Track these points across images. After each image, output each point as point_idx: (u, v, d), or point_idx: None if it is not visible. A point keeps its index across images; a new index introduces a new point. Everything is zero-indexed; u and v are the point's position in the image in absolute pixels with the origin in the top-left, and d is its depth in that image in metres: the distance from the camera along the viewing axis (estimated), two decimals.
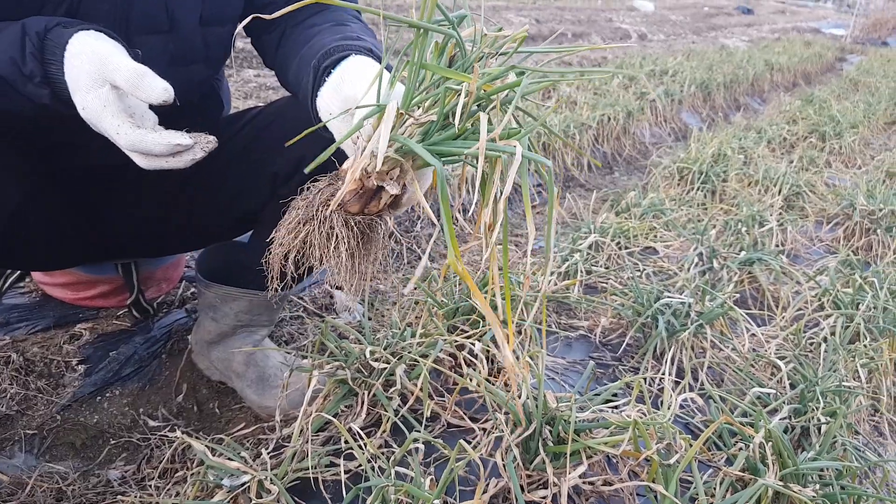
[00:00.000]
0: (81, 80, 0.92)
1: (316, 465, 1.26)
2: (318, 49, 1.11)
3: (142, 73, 0.91)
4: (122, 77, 0.91)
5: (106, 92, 0.93)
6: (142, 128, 0.94)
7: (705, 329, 1.85)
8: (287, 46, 1.31)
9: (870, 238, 3.03)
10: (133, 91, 0.91)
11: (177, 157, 0.97)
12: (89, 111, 0.94)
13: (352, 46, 1.07)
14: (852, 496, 1.33)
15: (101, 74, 0.92)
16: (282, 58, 1.33)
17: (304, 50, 1.21)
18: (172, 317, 1.92)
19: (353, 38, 1.13)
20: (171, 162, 0.97)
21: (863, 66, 9.53)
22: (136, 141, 0.94)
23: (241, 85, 4.74)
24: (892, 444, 1.93)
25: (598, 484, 1.27)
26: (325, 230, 0.92)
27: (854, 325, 2.10)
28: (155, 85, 0.91)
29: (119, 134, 0.93)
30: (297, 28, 1.32)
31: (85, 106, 0.94)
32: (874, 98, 6.45)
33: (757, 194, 3.28)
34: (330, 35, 1.20)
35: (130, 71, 0.91)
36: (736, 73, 6.69)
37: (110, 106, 0.93)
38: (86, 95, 0.93)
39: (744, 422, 1.47)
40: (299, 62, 1.19)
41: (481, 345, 1.55)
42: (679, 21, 15.11)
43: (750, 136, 4.29)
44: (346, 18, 1.35)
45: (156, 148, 0.94)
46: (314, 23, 1.31)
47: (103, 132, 0.96)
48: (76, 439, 1.55)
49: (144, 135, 0.94)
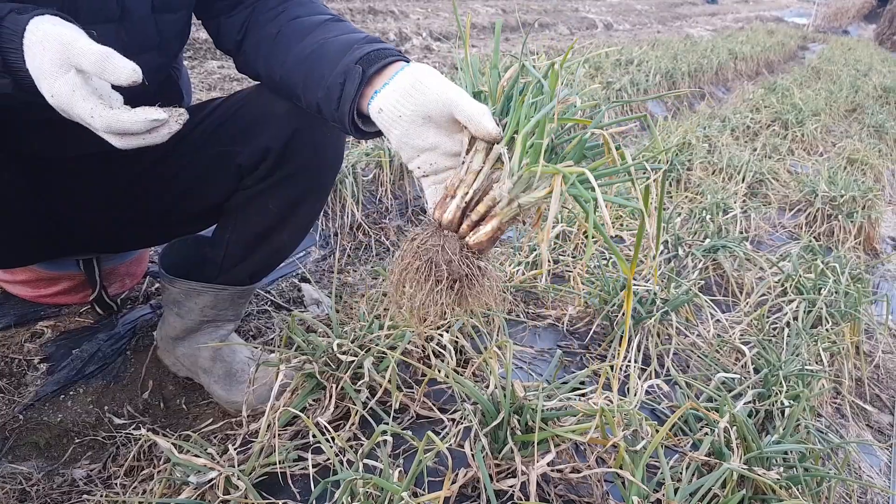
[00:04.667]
0: (45, 66, 0.90)
1: (284, 460, 1.25)
2: (345, 48, 1.11)
3: (107, 54, 0.89)
4: (89, 61, 0.88)
5: (72, 76, 0.90)
6: (114, 108, 0.92)
7: (671, 316, 1.87)
8: (263, 36, 1.28)
9: (831, 224, 3.10)
10: (101, 74, 0.89)
11: (153, 133, 0.95)
12: (59, 98, 0.91)
13: (393, 52, 1.08)
14: (815, 478, 1.36)
15: (66, 59, 0.89)
16: (255, 46, 1.30)
17: (309, 45, 1.18)
18: (137, 313, 1.89)
19: (377, 40, 1.13)
20: (147, 139, 0.95)
21: (824, 54, 9.71)
22: (112, 121, 0.91)
23: (204, 76, 4.67)
24: (853, 426, 1.98)
25: (567, 471, 1.28)
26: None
27: (816, 309, 2.14)
28: (123, 65, 0.89)
29: (94, 117, 0.91)
30: (272, 17, 1.29)
31: (54, 93, 0.91)
32: (835, 86, 6.57)
33: (721, 182, 3.32)
34: (342, 31, 1.19)
35: (96, 54, 0.88)
36: (700, 63, 6.77)
37: (79, 90, 0.90)
38: (53, 83, 0.90)
39: (709, 407, 1.50)
40: (311, 58, 1.16)
41: (449, 335, 1.55)
42: (644, 10, 15.22)
43: (714, 124, 4.34)
44: (323, 6, 1.33)
45: (133, 126, 0.92)
46: (297, 14, 1.28)
47: (76, 117, 0.93)
48: (39, 439, 1.52)
49: (119, 114, 0.91)
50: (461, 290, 0.97)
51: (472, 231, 0.97)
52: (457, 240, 0.97)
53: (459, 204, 0.96)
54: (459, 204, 0.96)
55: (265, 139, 1.37)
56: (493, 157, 0.96)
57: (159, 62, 1.34)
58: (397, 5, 9.53)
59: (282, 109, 1.35)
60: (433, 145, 1.00)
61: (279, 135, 1.36)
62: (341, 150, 1.50)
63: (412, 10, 9.47)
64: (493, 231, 0.96)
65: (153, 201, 1.46)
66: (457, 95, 0.95)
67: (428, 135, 0.99)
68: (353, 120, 1.07)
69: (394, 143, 1.02)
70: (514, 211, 0.95)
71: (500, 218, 0.95)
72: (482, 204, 0.96)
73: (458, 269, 0.96)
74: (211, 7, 1.35)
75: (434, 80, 0.98)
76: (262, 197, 1.44)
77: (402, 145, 1.01)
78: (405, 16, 8.90)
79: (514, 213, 0.95)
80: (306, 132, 1.36)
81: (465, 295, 0.97)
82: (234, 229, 1.50)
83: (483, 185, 0.96)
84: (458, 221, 0.97)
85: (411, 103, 0.98)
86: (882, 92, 6.98)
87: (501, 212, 0.95)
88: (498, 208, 0.95)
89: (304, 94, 1.17)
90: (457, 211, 0.96)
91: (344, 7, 8.58)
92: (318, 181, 1.47)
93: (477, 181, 0.96)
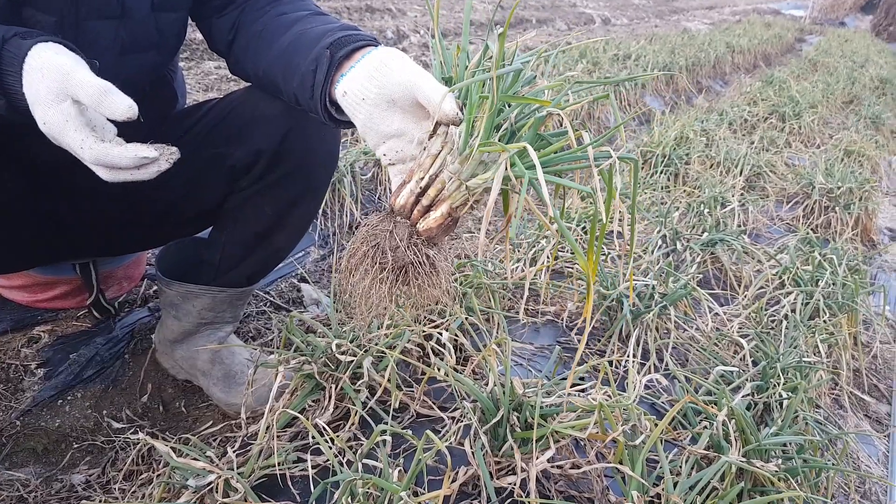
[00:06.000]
0: (42, 94, 0.90)
1: (283, 462, 1.25)
2: (320, 36, 1.10)
3: (105, 90, 0.89)
4: (86, 94, 0.89)
5: (67, 107, 0.91)
6: (105, 141, 0.93)
7: (669, 310, 1.87)
8: (251, 34, 1.28)
9: (828, 216, 3.10)
10: (97, 107, 0.89)
11: (142, 170, 0.95)
12: (51, 126, 0.92)
13: (364, 36, 1.06)
14: (814, 469, 1.36)
15: (64, 90, 0.90)
16: (244, 46, 1.30)
17: (288, 38, 1.18)
18: (135, 316, 1.89)
19: (353, 27, 1.12)
20: (135, 174, 0.95)
21: (821, 46, 9.70)
22: (101, 155, 0.92)
23: (201, 77, 4.66)
24: (852, 417, 1.98)
25: (567, 467, 1.28)
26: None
27: (814, 301, 2.14)
28: (119, 102, 0.89)
29: (83, 148, 0.92)
30: (260, 16, 1.29)
31: (46, 121, 0.92)
32: (832, 78, 6.57)
33: (719, 176, 3.32)
34: (321, 23, 1.18)
35: (94, 87, 0.89)
36: (698, 56, 6.77)
37: (72, 121, 0.91)
38: (47, 110, 0.91)
39: (707, 400, 1.50)
40: (289, 50, 1.16)
41: (448, 334, 1.55)
42: (642, 5, 15.21)
43: (712, 118, 4.34)
44: (310, 3, 1.33)
45: (122, 161, 0.92)
46: (282, 11, 1.28)
47: (66, 146, 0.94)
48: (37, 444, 1.52)
49: (109, 148, 0.92)
50: (406, 279, 0.93)
51: (423, 217, 0.93)
52: (407, 226, 0.93)
53: (413, 189, 0.93)
54: (413, 189, 0.93)
55: (258, 141, 1.37)
56: (452, 142, 0.92)
57: (157, 61, 1.35)
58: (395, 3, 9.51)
59: (274, 110, 1.35)
60: (399, 131, 0.97)
61: (272, 136, 1.36)
62: (335, 149, 1.49)
63: (409, 7, 9.45)
64: (443, 217, 0.92)
65: (149, 205, 1.45)
66: (419, 78, 0.92)
67: (393, 120, 0.96)
68: (325, 107, 1.06)
69: (359, 127, 0.99)
70: (463, 195, 0.91)
71: (449, 202, 0.91)
72: (433, 188, 0.92)
73: (403, 257, 0.92)
74: (203, 8, 1.35)
75: (399, 62, 0.96)
76: (258, 198, 1.44)
77: (367, 130, 0.98)
78: (402, 13, 8.89)
79: (463, 197, 0.91)
80: (299, 132, 1.36)
81: (412, 285, 0.94)
82: (231, 231, 1.50)
83: (439, 170, 0.92)
84: (410, 207, 0.93)
85: (375, 86, 0.96)
86: (879, 83, 6.98)
87: (450, 195, 0.91)
88: (446, 191, 0.91)
89: (283, 86, 1.17)
90: (410, 196, 0.93)
91: (341, 5, 8.56)
92: (312, 181, 1.47)
93: (434, 166, 0.92)
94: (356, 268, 0.94)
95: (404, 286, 0.94)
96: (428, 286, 0.94)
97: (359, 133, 1.01)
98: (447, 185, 0.91)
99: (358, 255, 0.94)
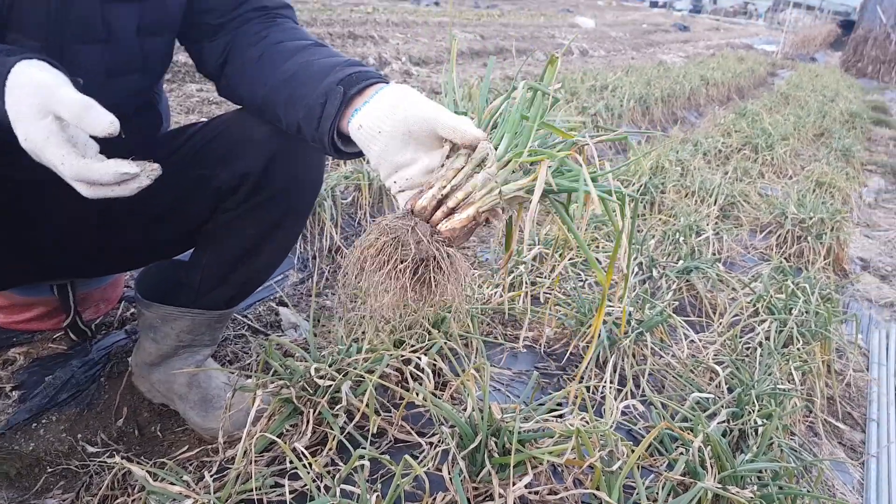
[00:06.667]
0: (24, 110, 0.91)
1: (260, 487, 1.24)
2: (327, 70, 1.14)
3: (87, 105, 0.90)
4: (68, 110, 0.90)
5: (49, 123, 0.91)
6: (86, 157, 0.93)
7: (645, 337, 1.90)
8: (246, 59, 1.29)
9: (801, 245, 3.16)
10: (78, 123, 0.90)
11: (122, 186, 0.96)
12: (32, 142, 0.92)
13: (375, 74, 1.11)
14: (789, 496, 1.38)
15: (46, 106, 0.90)
16: (239, 70, 1.32)
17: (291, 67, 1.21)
18: (111, 338, 1.87)
19: (359, 63, 1.17)
20: (116, 190, 0.96)
21: (793, 80, 9.95)
22: (82, 171, 0.92)
23: (183, 99, 4.67)
24: (826, 444, 2.01)
25: (544, 493, 1.28)
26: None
27: (787, 329, 2.18)
28: (101, 118, 0.90)
29: (64, 164, 0.92)
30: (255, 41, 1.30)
31: (28, 137, 0.92)
32: (803, 111, 6.73)
33: (694, 205, 3.38)
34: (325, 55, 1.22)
35: (76, 103, 0.90)
36: (673, 88, 6.91)
37: (53, 137, 0.91)
38: (28, 126, 0.91)
39: (684, 426, 1.51)
40: (293, 81, 1.19)
41: (427, 358, 1.56)
42: (619, 37, 15.52)
43: (687, 148, 4.43)
44: (306, 32, 1.35)
45: (102, 177, 0.93)
46: (280, 38, 1.30)
47: (46, 163, 0.94)
48: (10, 468, 1.49)
49: (90, 164, 0.92)
50: (425, 275, 0.94)
51: (447, 218, 0.96)
52: (428, 226, 0.96)
53: (436, 194, 0.96)
54: (436, 194, 0.96)
55: (244, 163, 1.38)
56: (477, 158, 0.97)
57: (142, 84, 1.35)
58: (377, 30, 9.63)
59: (261, 134, 1.36)
60: (412, 161, 1.01)
61: (258, 159, 1.37)
62: (320, 173, 1.51)
63: (392, 35, 9.57)
64: (468, 220, 0.96)
65: (130, 226, 1.45)
66: (438, 111, 0.98)
67: (407, 151, 1.01)
68: (332, 139, 1.09)
69: (373, 159, 1.04)
70: (494, 199, 0.95)
71: (477, 206, 0.95)
72: (461, 190, 0.96)
73: (426, 249, 0.93)
74: (193, 32, 1.36)
75: (416, 96, 1.02)
76: (240, 220, 1.44)
77: (381, 161, 1.02)
78: (385, 41, 8.99)
79: (492, 202, 0.95)
80: (285, 157, 1.37)
81: (429, 281, 0.94)
82: (212, 253, 1.50)
83: (462, 182, 0.97)
84: (431, 209, 0.97)
85: (392, 119, 1.00)
86: (848, 117, 7.17)
87: (481, 199, 0.95)
88: (478, 195, 0.95)
89: (285, 114, 1.19)
90: (432, 200, 0.96)
91: (324, 31, 8.65)
92: (296, 205, 1.48)
93: (457, 178, 0.97)
94: (371, 259, 0.94)
95: (420, 283, 0.95)
96: (445, 283, 0.95)
97: (371, 164, 1.05)
98: (477, 190, 0.95)
99: (376, 245, 0.94)
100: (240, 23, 1.33)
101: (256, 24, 1.33)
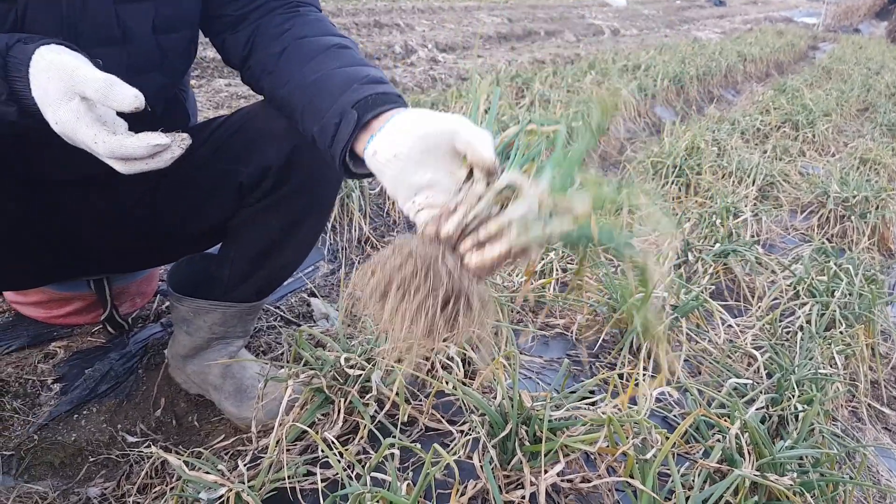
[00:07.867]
0: (51, 94, 0.92)
1: (293, 475, 1.25)
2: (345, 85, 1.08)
3: (111, 82, 0.92)
4: (92, 88, 0.91)
5: (76, 104, 0.93)
6: (118, 133, 0.95)
7: (681, 322, 1.86)
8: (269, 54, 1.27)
9: (844, 225, 3.07)
10: (104, 101, 0.91)
11: (156, 158, 0.97)
12: (63, 125, 0.94)
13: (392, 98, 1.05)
14: (830, 483, 1.34)
15: (71, 87, 0.92)
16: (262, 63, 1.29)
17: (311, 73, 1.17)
18: (148, 331, 1.91)
19: (378, 80, 1.10)
20: (150, 164, 0.98)
21: (835, 53, 9.65)
22: (116, 147, 0.94)
23: (211, 95, 4.72)
24: (870, 429, 1.95)
25: (577, 481, 1.27)
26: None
27: (829, 312, 2.12)
28: (126, 93, 0.92)
29: (97, 143, 0.94)
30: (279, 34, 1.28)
31: (58, 120, 0.94)
32: (846, 85, 6.53)
33: (731, 186, 3.30)
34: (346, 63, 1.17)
35: (100, 81, 0.91)
36: (709, 66, 6.75)
37: (83, 117, 0.93)
38: (57, 110, 0.93)
39: (720, 413, 1.48)
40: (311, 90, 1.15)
41: (456, 347, 1.55)
42: (651, 15, 15.21)
43: (723, 127, 4.33)
44: (329, 25, 1.32)
45: (136, 151, 0.95)
46: (303, 33, 1.26)
47: (80, 144, 0.96)
48: (54, 458, 1.54)
49: (122, 140, 0.94)
50: (454, 309, 0.85)
51: (477, 250, 0.86)
52: (456, 256, 0.87)
53: (461, 221, 0.86)
54: (461, 221, 0.86)
55: (266, 157, 1.38)
56: (498, 188, 0.88)
57: (163, 82, 1.36)
58: (403, 18, 9.59)
59: (282, 128, 1.36)
60: (431, 182, 0.92)
61: (279, 153, 1.37)
62: None
63: (417, 22, 9.52)
64: (501, 257, 0.85)
65: (158, 222, 1.47)
66: (458, 123, 0.91)
67: (426, 171, 0.92)
68: (343, 160, 1.04)
69: (389, 184, 0.95)
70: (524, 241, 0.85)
71: (510, 243, 0.85)
72: (493, 222, 0.86)
73: (458, 284, 0.84)
74: (215, 24, 1.36)
75: (434, 114, 0.95)
76: (265, 214, 1.45)
77: (397, 185, 0.94)
78: (410, 28, 8.95)
79: (532, 241, 0.85)
80: (306, 150, 1.37)
81: (457, 316, 0.85)
82: (239, 247, 1.51)
83: (484, 212, 0.87)
84: (457, 238, 0.87)
85: (410, 136, 0.93)
86: (895, 90, 6.92)
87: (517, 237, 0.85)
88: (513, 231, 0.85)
89: (301, 120, 1.17)
90: (458, 227, 0.87)
91: (349, 21, 8.64)
92: (319, 197, 1.48)
93: (479, 205, 0.87)
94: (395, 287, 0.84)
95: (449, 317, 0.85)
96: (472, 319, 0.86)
97: (388, 191, 0.97)
98: (514, 225, 0.85)
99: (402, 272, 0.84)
100: (262, 13, 1.31)
101: (279, 16, 1.31)
